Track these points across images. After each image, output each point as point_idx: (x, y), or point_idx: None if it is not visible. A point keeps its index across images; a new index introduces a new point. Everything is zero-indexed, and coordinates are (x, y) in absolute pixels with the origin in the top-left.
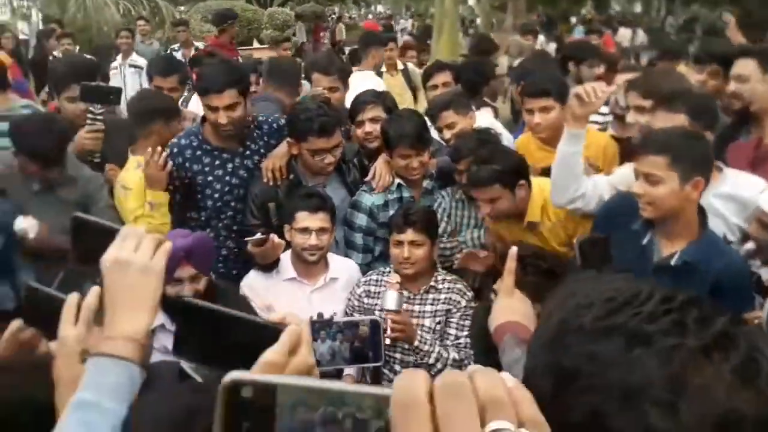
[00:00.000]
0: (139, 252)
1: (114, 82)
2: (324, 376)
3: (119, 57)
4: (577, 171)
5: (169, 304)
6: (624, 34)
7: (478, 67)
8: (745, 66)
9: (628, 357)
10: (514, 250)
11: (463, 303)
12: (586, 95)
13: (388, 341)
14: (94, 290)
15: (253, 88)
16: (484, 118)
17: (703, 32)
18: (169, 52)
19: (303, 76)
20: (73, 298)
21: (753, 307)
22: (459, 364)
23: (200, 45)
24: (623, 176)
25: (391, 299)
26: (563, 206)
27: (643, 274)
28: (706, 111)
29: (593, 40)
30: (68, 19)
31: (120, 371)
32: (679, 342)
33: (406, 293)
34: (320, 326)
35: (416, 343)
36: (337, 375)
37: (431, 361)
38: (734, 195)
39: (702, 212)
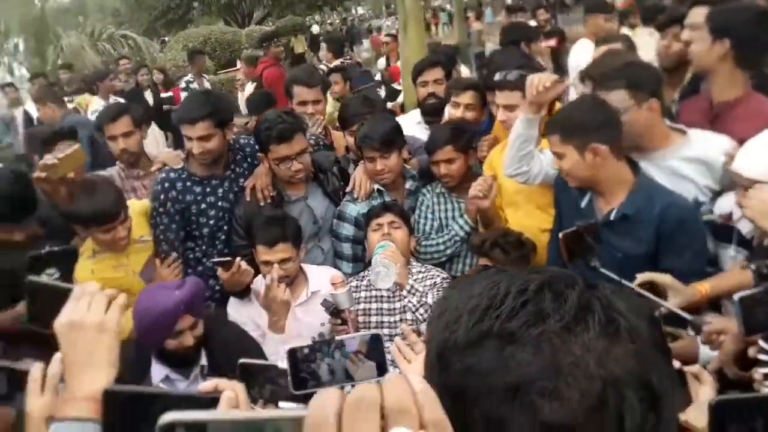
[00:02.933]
0: (92, 311)
1: None
2: None
3: (96, 99)
4: (524, 152)
5: (106, 394)
6: None
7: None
8: (698, 14)
9: (502, 359)
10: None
11: (439, 280)
12: (533, 87)
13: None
14: (56, 357)
15: None
16: None
17: None
18: (185, 85)
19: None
20: (36, 369)
21: (702, 250)
22: None
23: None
24: None
25: (343, 299)
26: (509, 175)
27: None
28: (645, 79)
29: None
30: (50, 69)
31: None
32: (542, 329)
33: (385, 291)
34: (318, 346)
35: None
36: None
37: None
38: (701, 157)
39: (634, 165)
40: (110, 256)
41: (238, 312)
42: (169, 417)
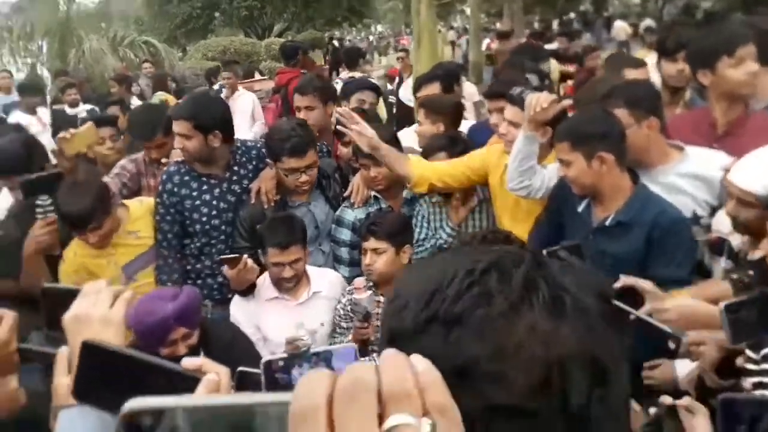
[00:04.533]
0: (98, 305)
1: None
2: None
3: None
4: (525, 167)
5: (85, 347)
6: (622, 27)
7: None
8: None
9: (448, 343)
10: None
11: None
12: (531, 107)
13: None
14: (61, 351)
15: None
16: None
17: (704, 16)
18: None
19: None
20: (63, 350)
21: (689, 261)
22: None
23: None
24: None
25: (369, 303)
26: (512, 189)
27: (586, 240)
28: (643, 97)
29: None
30: (71, 71)
31: (92, 419)
32: (487, 311)
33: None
34: (293, 358)
35: None
36: None
37: None
38: (699, 173)
39: (635, 175)
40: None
41: (240, 310)
42: (132, 403)
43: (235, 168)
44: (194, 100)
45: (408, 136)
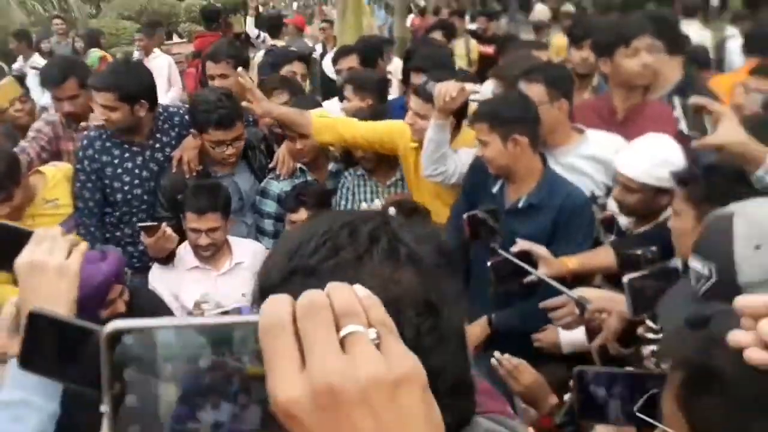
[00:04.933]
0: (54, 254)
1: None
2: None
3: (19, 59)
4: (438, 155)
5: (32, 316)
6: (542, 10)
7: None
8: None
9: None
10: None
11: None
12: (440, 96)
13: None
14: (12, 301)
15: None
16: None
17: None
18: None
19: None
20: (13, 302)
21: (588, 239)
22: None
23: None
24: None
25: None
26: (428, 176)
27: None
28: (562, 79)
29: None
30: None
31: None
32: (336, 261)
33: None
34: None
35: None
36: None
37: None
38: (596, 156)
39: (544, 158)
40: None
41: (159, 279)
42: (115, 324)
43: (158, 135)
44: (115, 69)
45: (334, 109)
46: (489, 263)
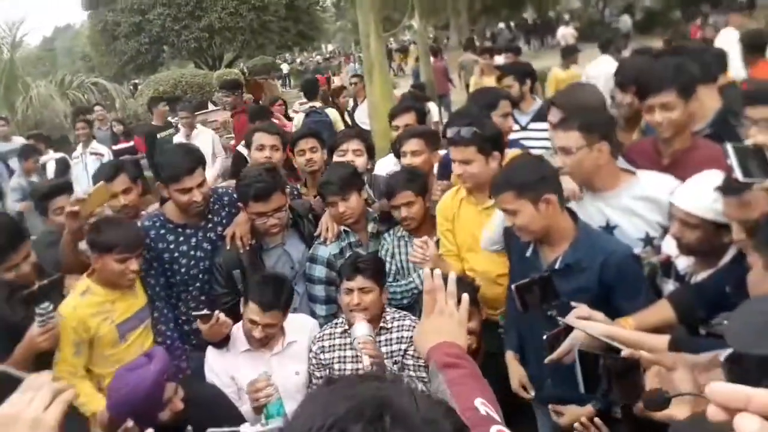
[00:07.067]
0: (32, 406)
1: (76, 170)
2: None
3: (79, 146)
4: (500, 234)
5: None
6: (568, 32)
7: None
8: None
9: None
10: (453, 275)
11: (408, 322)
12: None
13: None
14: None
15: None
16: None
17: (643, 12)
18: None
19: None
20: None
21: (643, 291)
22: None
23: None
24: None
25: (361, 328)
26: (487, 250)
27: None
28: (598, 123)
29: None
30: (20, 118)
31: None
32: None
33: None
34: None
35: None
36: None
37: None
38: (649, 196)
39: (573, 214)
40: (97, 301)
41: (215, 362)
42: None
43: (210, 216)
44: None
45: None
46: (545, 336)
